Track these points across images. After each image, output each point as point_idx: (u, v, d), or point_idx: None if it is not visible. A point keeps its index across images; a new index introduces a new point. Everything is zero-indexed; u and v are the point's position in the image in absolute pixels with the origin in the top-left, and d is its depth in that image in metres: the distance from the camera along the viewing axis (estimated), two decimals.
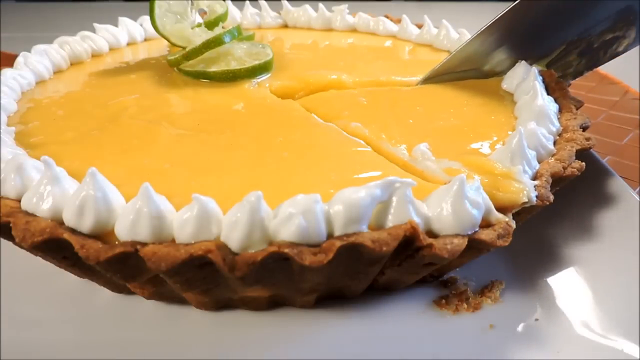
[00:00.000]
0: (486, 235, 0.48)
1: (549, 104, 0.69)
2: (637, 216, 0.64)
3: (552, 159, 0.60)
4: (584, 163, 0.60)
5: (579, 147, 0.62)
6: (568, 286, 0.59)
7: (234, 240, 0.43)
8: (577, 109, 0.72)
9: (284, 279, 0.48)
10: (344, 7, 1.16)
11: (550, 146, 0.62)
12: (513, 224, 0.50)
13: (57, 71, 0.87)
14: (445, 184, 0.54)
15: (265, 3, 1.21)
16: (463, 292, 0.58)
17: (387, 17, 1.15)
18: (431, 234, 0.47)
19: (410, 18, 1.09)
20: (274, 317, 0.56)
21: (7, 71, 0.77)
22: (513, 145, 0.56)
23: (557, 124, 0.67)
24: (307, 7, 1.18)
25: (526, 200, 0.51)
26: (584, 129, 0.67)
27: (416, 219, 0.46)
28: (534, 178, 0.57)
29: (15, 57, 0.84)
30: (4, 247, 0.62)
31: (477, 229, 0.48)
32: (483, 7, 2.57)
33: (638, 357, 0.50)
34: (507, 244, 0.48)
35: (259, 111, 0.72)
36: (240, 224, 0.43)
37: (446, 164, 0.58)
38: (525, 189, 0.52)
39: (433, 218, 0.47)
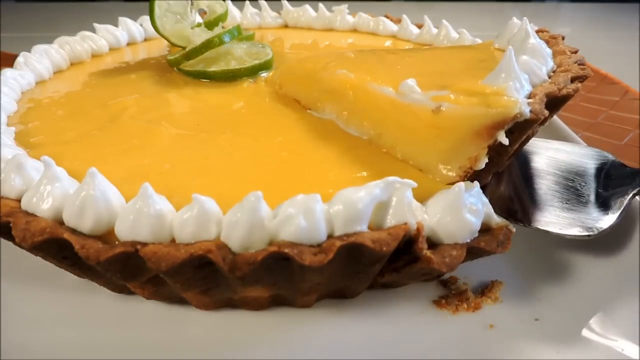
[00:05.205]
0: (485, 242, 0.47)
1: (542, 46, 0.66)
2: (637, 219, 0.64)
3: (547, 83, 0.57)
4: (579, 84, 0.57)
5: (574, 75, 0.60)
6: (568, 286, 0.59)
7: (234, 240, 0.43)
8: (571, 54, 0.70)
9: (284, 279, 0.48)
10: (344, 7, 1.16)
11: (544, 75, 0.59)
12: (513, 229, 0.49)
13: (57, 71, 0.88)
14: (432, 110, 0.51)
15: (265, 3, 1.21)
16: (463, 292, 0.58)
17: (387, 17, 1.15)
18: (430, 240, 0.47)
19: (410, 18, 1.09)
20: (274, 317, 0.56)
21: (7, 71, 0.77)
22: (503, 64, 0.52)
23: (550, 62, 0.64)
24: (307, 7, 1.18)
25: (518, 112, 0.48)
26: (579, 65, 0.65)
27: (414, 222, 0.46)
28: (528, 98, 0.53)
29: (15, 57, 0.84)
30: (4, 247, 0.62)
31: (476, 235, 0.47)
32: (483, 7, 2.57)
33: (638, 358, 0.50)
34: (506, 250, 0.47)
35: (259, 111, 0.72)
36: (240, 224, 0.43)
37: (434, 93, 0.54)
38: (518, 102, 0.49)
39: (432, 225, 0.47)
